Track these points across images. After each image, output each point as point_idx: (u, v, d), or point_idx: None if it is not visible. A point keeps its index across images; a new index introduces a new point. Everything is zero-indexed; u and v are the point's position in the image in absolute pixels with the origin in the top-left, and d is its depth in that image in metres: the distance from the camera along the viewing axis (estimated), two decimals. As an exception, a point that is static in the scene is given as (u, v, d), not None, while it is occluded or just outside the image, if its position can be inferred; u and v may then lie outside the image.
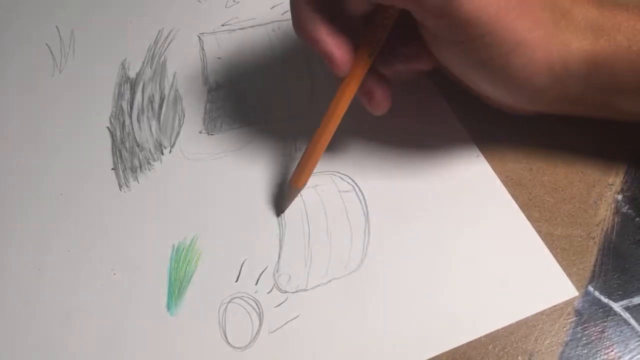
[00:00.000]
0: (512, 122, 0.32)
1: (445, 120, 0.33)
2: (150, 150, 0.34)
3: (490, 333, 0.27)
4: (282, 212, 0.31)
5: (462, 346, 0.27)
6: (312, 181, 0.32)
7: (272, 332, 0.28)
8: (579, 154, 0.31)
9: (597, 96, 0.27)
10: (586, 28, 0.26)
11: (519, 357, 0.26)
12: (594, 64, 0.26)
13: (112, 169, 0.34)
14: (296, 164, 0.32)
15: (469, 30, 0.24)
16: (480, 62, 0.26)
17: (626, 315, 0.27)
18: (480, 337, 0.27)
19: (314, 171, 0.32)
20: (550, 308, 0.27)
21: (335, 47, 0.26)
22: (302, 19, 0.27)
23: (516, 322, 0.27)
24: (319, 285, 0.29)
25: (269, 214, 0.31)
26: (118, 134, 0.35)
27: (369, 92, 0.28)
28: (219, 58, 0.37)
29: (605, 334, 0.26)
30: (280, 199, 0.31)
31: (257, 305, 0.28)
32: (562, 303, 0.27)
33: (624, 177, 0.30)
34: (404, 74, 0.30)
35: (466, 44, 0.25)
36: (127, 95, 0.36)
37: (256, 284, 0.29)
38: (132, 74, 0.37)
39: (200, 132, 0.34)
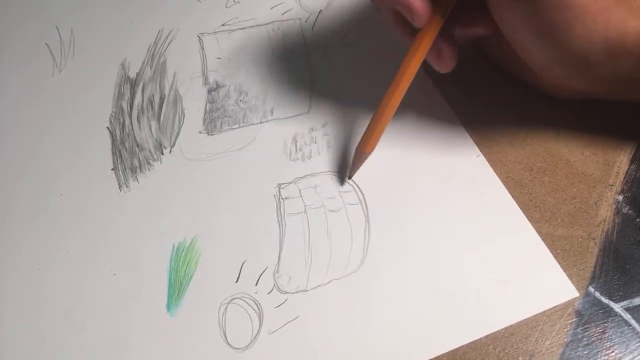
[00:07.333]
0: (512, 122, 0.32)
1: (446, 120, 0.33)
2: (150, 150, 0.34)
3: (491, 334, 0.27)
4: (350, 177, 0.31)
5: (462, 347, 0.27)
6: (312, 181, 0.32)
7: (272, 333, 0.28)
8: (580, 154, 0.31)
9: None
10: None
11: (520, 358, 0.26)
12: None
13: (112, 169, 0.33)
14: (296, 164, 0.32)
15: None
16: (541, 25, 0.26)
17: (627, 316, 0.27)
18: (481, 338, 0.27)
19: (315, 171, 0.32)
20: (550, 309, 0.27)
21: None
22: None
23: (517, 323, 0.27)
24: (319, 285, 0.29)
25: (269, 214, 0.31)
26: (118, 134, 0.35)
27: (437, 49, 0.29)
28: (219, 58, 0.37)
29: (606, 334, 0.26)
30: (344, 168, 0.31)
31: (257, 305, 0.28)
32: (563, 304, 0.27)
33: (624, 178, 0.30)
34: (461, 38, 0.30)
35: (531, 5, 0.25)
36: (127, 95, 0.36)
37: (256, 284, 0.29)
38: (132, 74, 0.37)
39: (200, 132, 0.34)
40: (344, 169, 0.32)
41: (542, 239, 0.29)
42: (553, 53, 0.27)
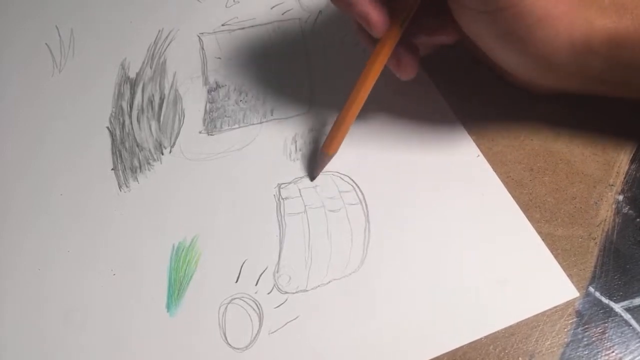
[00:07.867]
0: (513, 122, 0.32)
1: (446, 120, 0.33)
2: (150, 150, 0.34)
3: (491, 334, 0.27)
4: (314, 178, 0.32)
5: (462, 347, 0.27)
6: (312, 181, 0.32)
7: (272, 333, 0.28)
8: (580, 154, 0.31)
9: (619, 74, 0.27)
10: (609, 6, 0.26)
11: (520, 358, 0.26)
12: (616, 42, 0.26)
13: (112, 169, 0.33)
14: (295, 164, 0.32)
15: (496, 1, 0.25)
16: (504, 33, 0.26)
17: (627, 316, 0.27)
18: (481, 338, 0.27)
19: (314, 171, 0.32)
20: (551, 309, 0.27)
21: (371, 8, 0.27)
22: None
23: (517, 323, 0.27)
24: (319, 286, 0.29)
25: (269, 214, 0.31)
26: (118, 134, 0.35)
27: (397, 57, 0.29)
28: (219, 58, 0.37)
29: (606, 335, 0.26)
30: (313, 165, 0.32)
31: (257, 306, 0.28)
32: (563, 304, 0.27)
33: (624, 178, 0.30)
34: (428, 45, 0.31)
35: (492, 14, 0.25)
36: (127, 95, 0.36)
37: (256, 284, 0.29)
38: (132, 74, 0.37)
39: (200, 132, 0.34)
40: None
41: (542, 239, 0.29)
42: (519, 57, 0.27)
